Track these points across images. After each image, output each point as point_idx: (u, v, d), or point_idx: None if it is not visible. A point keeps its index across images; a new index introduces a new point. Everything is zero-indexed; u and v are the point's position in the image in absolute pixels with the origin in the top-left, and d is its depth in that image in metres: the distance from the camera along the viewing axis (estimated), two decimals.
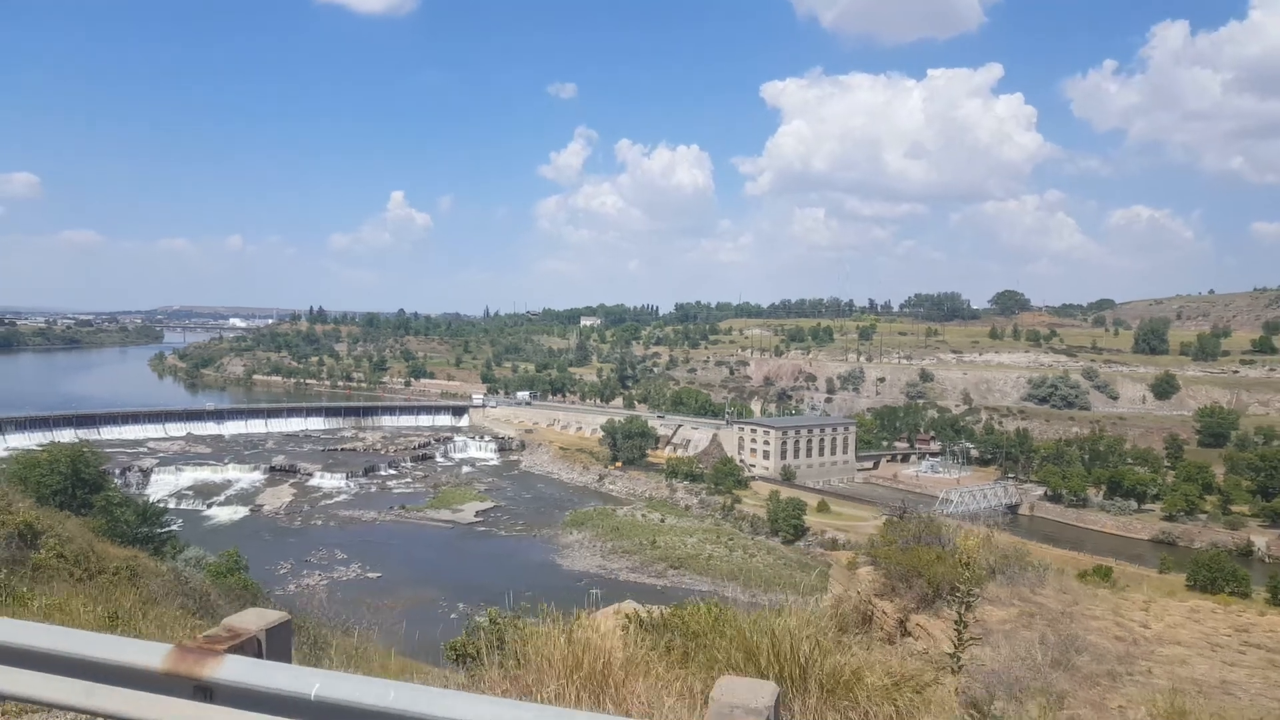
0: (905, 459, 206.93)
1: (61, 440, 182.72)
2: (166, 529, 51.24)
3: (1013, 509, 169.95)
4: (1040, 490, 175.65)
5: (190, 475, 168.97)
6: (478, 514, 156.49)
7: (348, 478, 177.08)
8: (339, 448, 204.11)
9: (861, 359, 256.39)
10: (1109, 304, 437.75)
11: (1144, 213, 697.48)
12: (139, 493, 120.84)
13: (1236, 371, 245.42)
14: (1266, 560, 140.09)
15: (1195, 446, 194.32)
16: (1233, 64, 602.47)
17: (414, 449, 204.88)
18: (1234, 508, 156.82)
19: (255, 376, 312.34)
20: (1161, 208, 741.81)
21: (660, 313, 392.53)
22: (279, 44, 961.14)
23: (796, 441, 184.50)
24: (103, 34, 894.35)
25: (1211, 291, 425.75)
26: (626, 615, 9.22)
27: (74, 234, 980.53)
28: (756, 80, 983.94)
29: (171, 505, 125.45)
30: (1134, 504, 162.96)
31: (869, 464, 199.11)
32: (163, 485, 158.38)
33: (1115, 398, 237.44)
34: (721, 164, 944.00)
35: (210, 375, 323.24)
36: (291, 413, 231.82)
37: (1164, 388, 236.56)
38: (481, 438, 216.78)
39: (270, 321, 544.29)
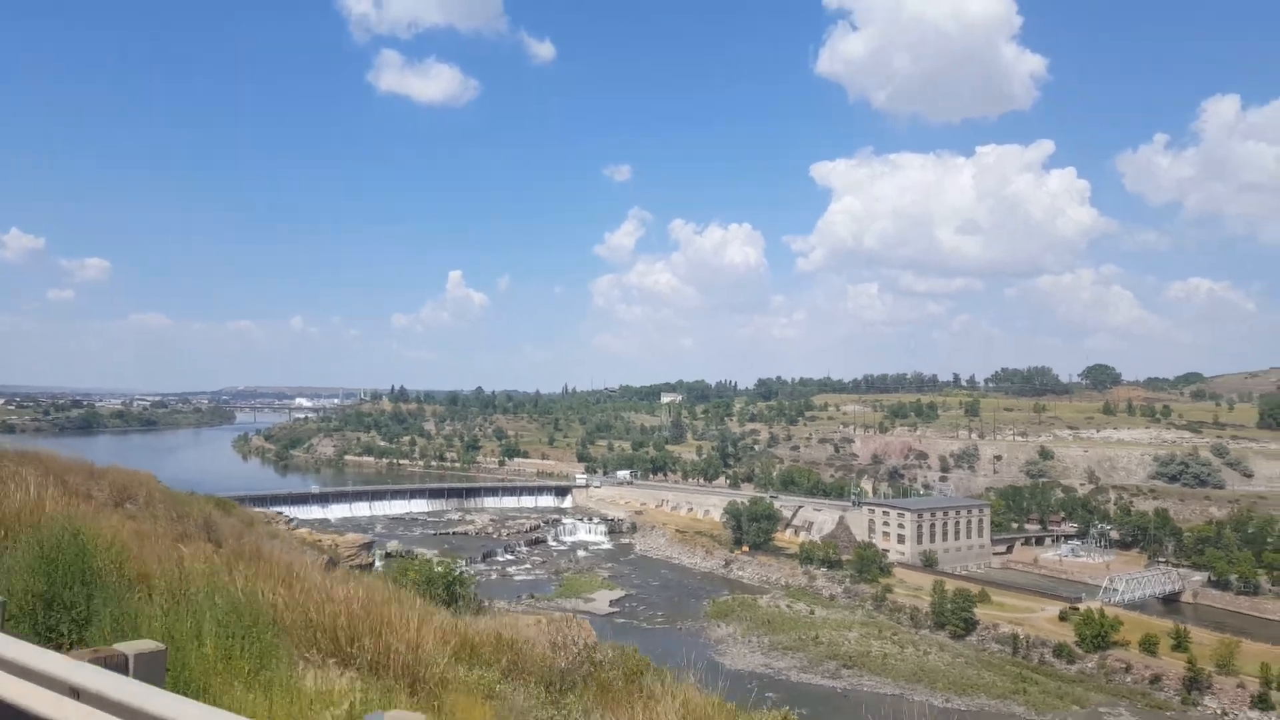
0: (1039, 541, 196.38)
1: None
2: None
3: (1174, 596, 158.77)
4: (1200, 575, 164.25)
5: None
6: (612, 604, 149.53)
7: (467, 564, 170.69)
8: (449, 531, 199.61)
9: (974, 436, 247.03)
10: (1197, 377, 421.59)
11: (1204, 285, 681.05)
12: None
13: None
14: None
15: None
16: None
17: (525, 532, 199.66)
18: None
19: (346, 457, 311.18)
20: (1221, 280, 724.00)
21: (739, 388, 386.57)
22: (342, 132, 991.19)
23: (932, 524, 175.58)
24: (162, 119, 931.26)
25: None
26: None
27: (143, 317, 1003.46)
28: (808, 160, 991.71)
29: None
30: None
31: (1001, 547, 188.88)
32: None
33: (1250, 475, 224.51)
34: (773, 241, 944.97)
35: (300, 456, 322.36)
36: (395, 495, 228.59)
37: None
38: (590, 519, 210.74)
39: (336, 401, 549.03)
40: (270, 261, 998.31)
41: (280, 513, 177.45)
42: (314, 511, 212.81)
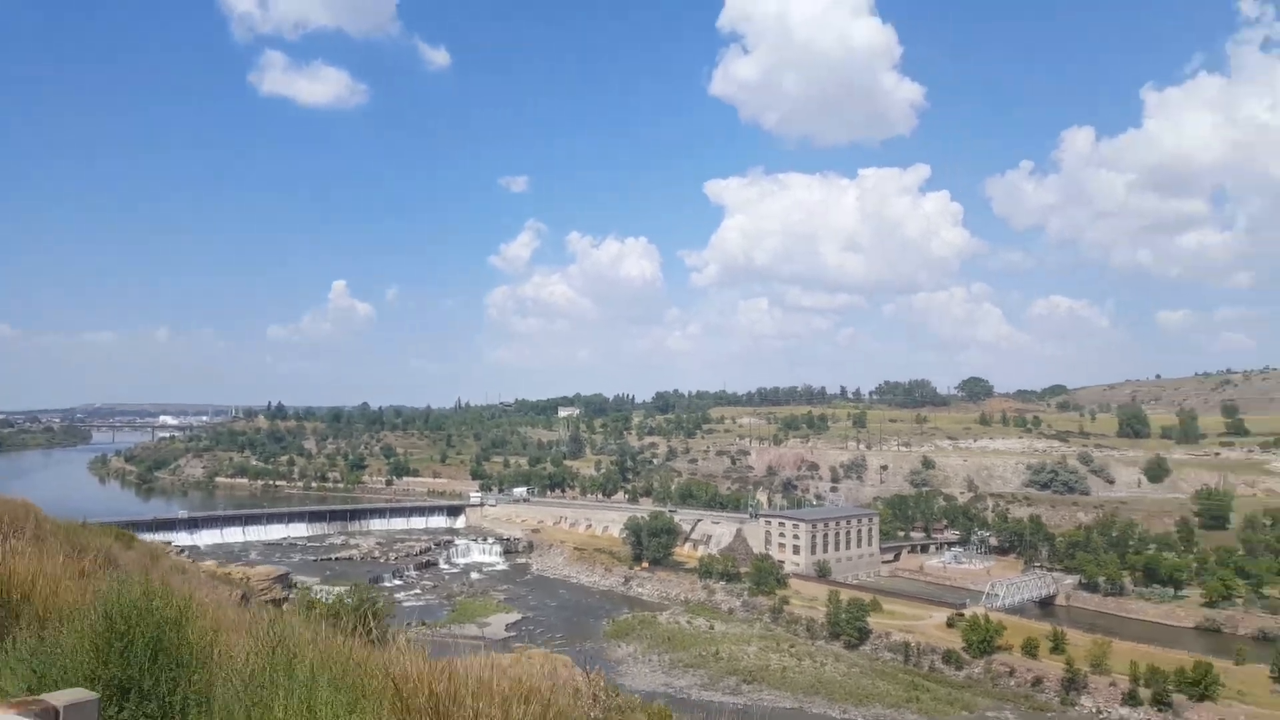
0: (924, 549, 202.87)
1: None
2: None
3: (1049, 600, 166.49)
4: (1072, 579, 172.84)
5: None
6: (508, 627, 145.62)
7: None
8: (332, 557, 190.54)
9: (862, 447, 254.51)
10: (1061, 389, 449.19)
11: (1063, 303, 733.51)
12: None
13: (1218, 454, 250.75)
14: None
15: (1199, 529, 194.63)
16: (1135, 167, 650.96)
17: (415, 555, 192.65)
18: (1266, 591, 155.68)
19: (218, 479, 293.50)
20: (1079, 298, 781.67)
21: (636, 401, 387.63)
22: (218, 133, 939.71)
23: (825, 534, 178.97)
24: (17, 108, 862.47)
25: (1158, 376, 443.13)
26: None
27: None
28: (702, 177, 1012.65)
29: None
30: (1171, 591, 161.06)
31: (889, 555, 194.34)
32: None
33: (1112, 482, 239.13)
34: (669, 255, 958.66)
35: (166, 479, 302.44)
36: (271, 519, 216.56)
37: (1156, 471, 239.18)
38: (484, 539, 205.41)
39: (205, 419, 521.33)
40: (134, 269, 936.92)
41: (169, 542, 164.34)
42: (181, 538, 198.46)
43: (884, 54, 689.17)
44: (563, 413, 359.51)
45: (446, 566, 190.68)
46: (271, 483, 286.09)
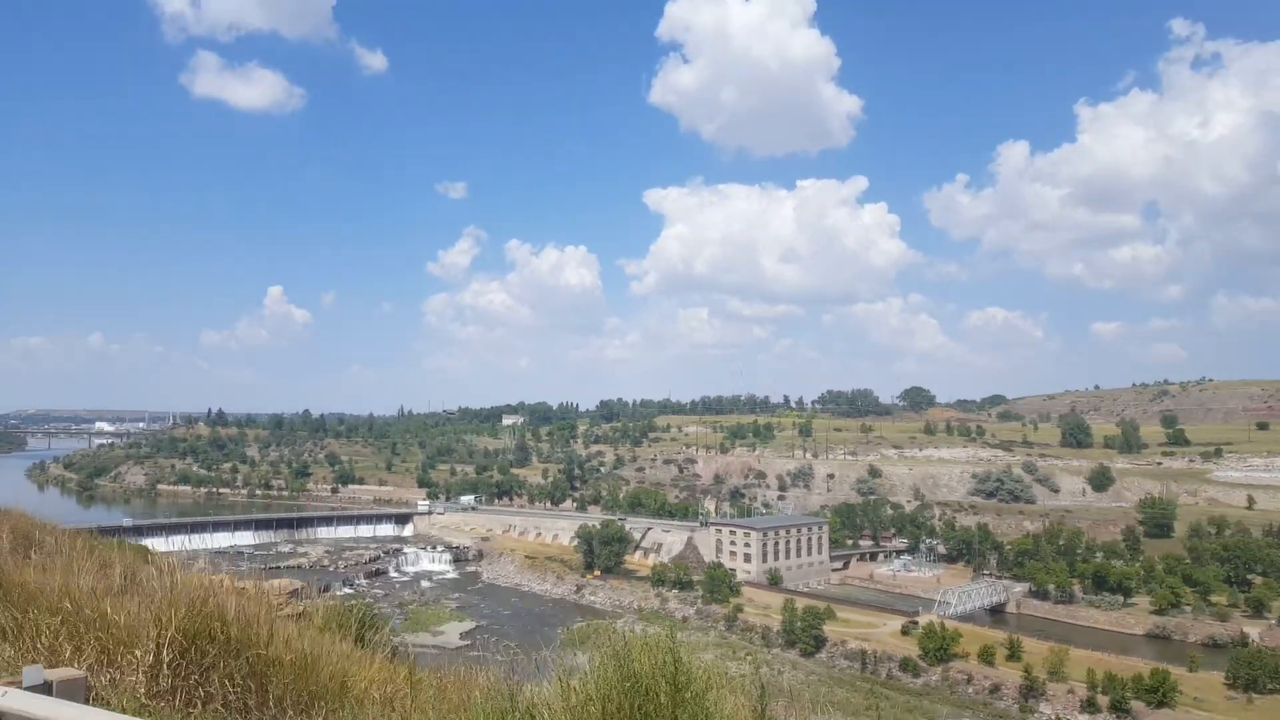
0: (873, 557, 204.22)
1: None
2: None
3: (999, 607, 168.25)
4: (1021, 586, 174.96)
5: None
6: (463, 636, 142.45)
7: (303, 600, 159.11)
8: (280, 565, 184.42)
9: (808, 455, 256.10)
10: (1001, 399, 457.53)
11: (999, 314, 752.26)
12: None
13: (1160, 463, 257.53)
14: (1265, 651, 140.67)
15: (1144, 537, 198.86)
16: (1068, 181, 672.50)
17: (365, 564, 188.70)
18: (1213, 599, 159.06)
19: (160, 486, 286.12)
20: (1014, 309, 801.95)
21: (580, 409, 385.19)
22: (148, 134, 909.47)
23: (776, 543, 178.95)
24: None
25: (1097, 387, 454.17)
26: None
27: None
28: (641, 186, 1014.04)
29: None
30: (1121, 599, 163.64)
31: (839, 563, 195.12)
32: None
33: (1056, 490, 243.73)
34: (608, 265, 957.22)
35: (107, 486, 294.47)
36: (218, 527, 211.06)
37: (1100, 480, 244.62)
38: (433, 548, 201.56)
39: (143, 425, 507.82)
40: (64, 273, 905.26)
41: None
42: None
43: (822, 66, 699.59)
44: (507, 421, 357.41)
45: (396, 575, 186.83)
46: (215, 490, 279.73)
